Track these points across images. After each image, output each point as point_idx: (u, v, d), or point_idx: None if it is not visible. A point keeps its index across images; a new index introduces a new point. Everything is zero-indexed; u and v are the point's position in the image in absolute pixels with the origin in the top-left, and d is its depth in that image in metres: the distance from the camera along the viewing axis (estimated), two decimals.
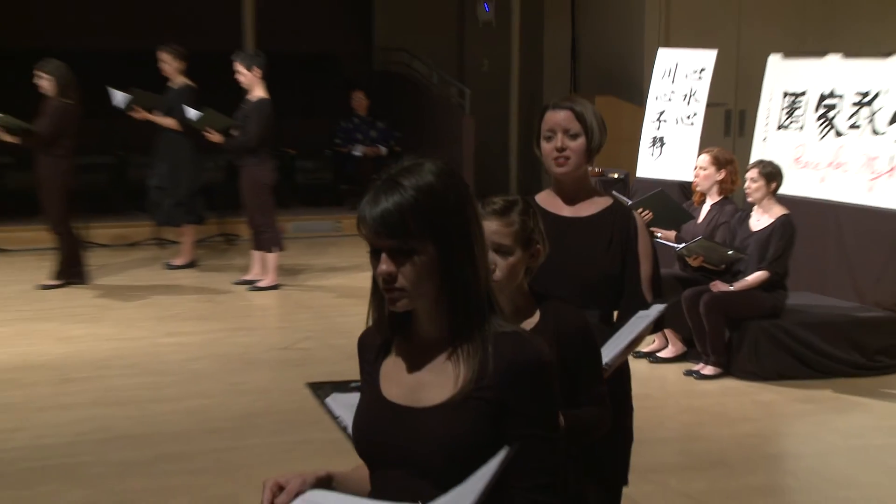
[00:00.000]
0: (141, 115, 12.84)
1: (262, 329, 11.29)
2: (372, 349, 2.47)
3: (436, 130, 18.66)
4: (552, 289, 3.89)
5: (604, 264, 4.06)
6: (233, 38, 16.72)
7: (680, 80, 13.19)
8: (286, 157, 16.09)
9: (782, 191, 9.54)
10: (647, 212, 9.38)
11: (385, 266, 2.03)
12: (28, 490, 6.58)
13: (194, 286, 12.83)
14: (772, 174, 9.20)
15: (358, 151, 17.36)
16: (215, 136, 12.18)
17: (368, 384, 2.41)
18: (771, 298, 9.16)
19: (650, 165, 13.47)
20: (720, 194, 9.53)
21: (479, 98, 18.31)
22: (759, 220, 9.16)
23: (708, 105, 13.05)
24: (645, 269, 4.13)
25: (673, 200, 9.92)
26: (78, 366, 10.06)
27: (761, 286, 9.06)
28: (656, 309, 3.98)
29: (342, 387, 3.22)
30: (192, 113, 12.41)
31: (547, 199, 4.24)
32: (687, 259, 9.54)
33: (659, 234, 9.44)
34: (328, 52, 19.77)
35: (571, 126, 4.00)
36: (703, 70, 12.82)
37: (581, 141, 4.03)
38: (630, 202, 10.08)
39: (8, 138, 12.09)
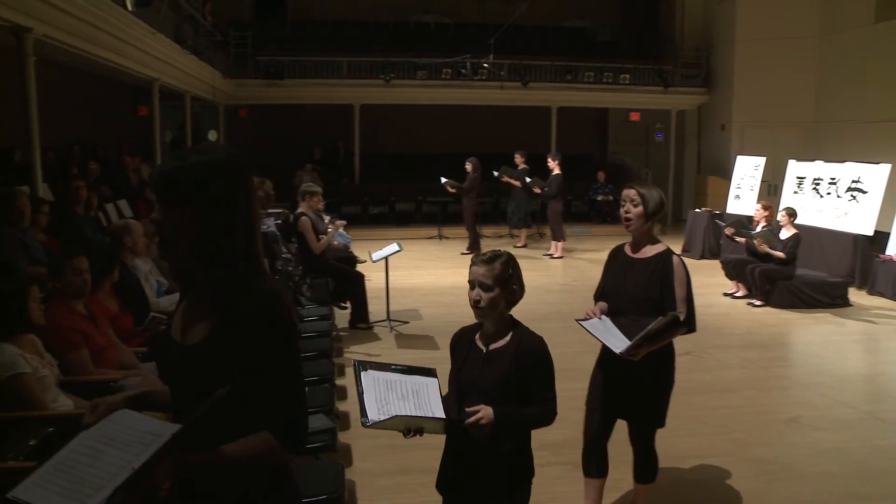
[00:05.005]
0: (504, 179, 13.91)
1: (555, 276, 12.00)
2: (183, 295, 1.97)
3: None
4: (617, 303, 3.80)
5: (647, 289, 3.71)
6: (544, 145, 17.54)
7: (748, 169, 13.83)
8: (568, 200, 16.25)
9: (797, 221, 9.92)
10: (732, 228, 10.27)
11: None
12: None
13: (526, 255, 13.37)
14: (793, 213, 9.87)
15: (599, 198, 17.99)
16: (537, 190, 13.44)
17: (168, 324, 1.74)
18: (788, 270, 9.70)
19: (732, 207, 13.94)
20: (767, 221, 10.14)
21: (656, 173, 18.80)
22: (785, 233, 9.75)
23: (762, 181, 13.61)
24: (679, 292, 3.69)
25: (743, 222, 10.75)
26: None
27: (781, 262, 9.57)
28: (658, 319, 3.49)
29: (383, 367, 2.78)
30: (527, 179, 13.63)
31: (626, 245, 3.94)
32: (755, 242, 9.71)
33: (738, 239, 10.11)
34: (587, 154, 20.17)
35: (635, 198, 3.78)
36: (758, 165, 13.45)
37: (640, 209, 3.76)
38: (724, 224, 10.99)
39: (451, 190, 13.71)
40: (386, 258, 8.33)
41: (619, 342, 3.55)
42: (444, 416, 2.73)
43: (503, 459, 2.83)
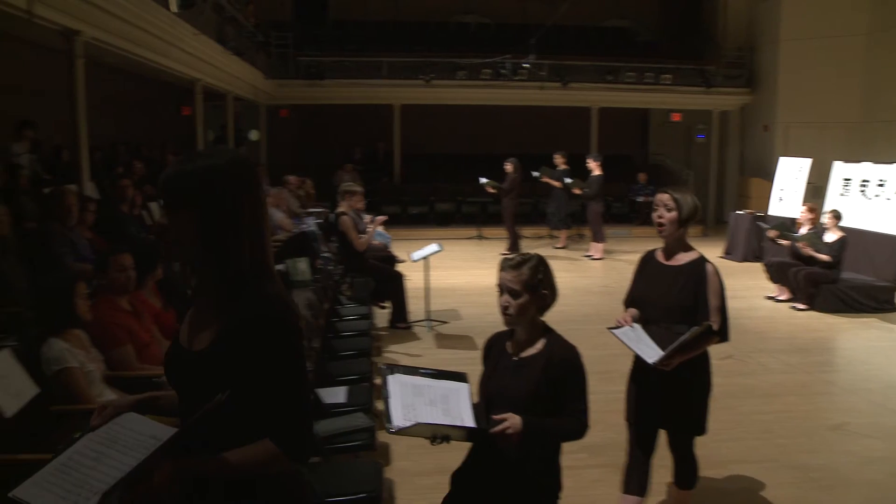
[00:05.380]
0: (544, 179, 13.97)
1: (595, 277, 11.74)
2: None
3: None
4: (647, 311, 3.70)
5: (679, 298, 3.61)
6: (584, 146, 17.41)
7: (792, 171, 13.59)
8: (608, 201, 15.91)
9: (843, 224, 9.77)
10: (775, 230, 10.16)
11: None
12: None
13: (565, 256, 13.57)
14: (838, 215, 9.71)
15: (640, 199, 17.68)
16: (577, 191, 13.39)
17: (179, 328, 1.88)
18: (832, 274, 9.51)
19: (776, 208, 13.70)
20: (812, 223, 9.97)
21: (697, 175, 18.64)
22: (830, 236, 9.53)
23: (807, 183, 13.36)
24: (713, 302, 3.58)
25: (786, 225, 10.42)
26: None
27: (826, 265, 9.41)
28: (692, 329, 3.41)
29: (411, 371, 2.72)
30: (567, 180, 13.59)
31: (658, 251, 3.83)
32: (798, 245, 9.61)
33: (782, 241, 9.96)
34: (627, 154, 20.06)
35: (669, 203, 3.66)
36: (802, 167, 13.27)
37: (674, 214, 3.64)
38: (767, 226, 10.70)
39: (491, 191, 13.72)
40: (426, 258, 8.34)
41: (651, 351, 3.47)
42: (471, 425, 2.60)
43: (531, 473, 2.72)
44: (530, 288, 2.74)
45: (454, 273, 11.67)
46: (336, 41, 18.80)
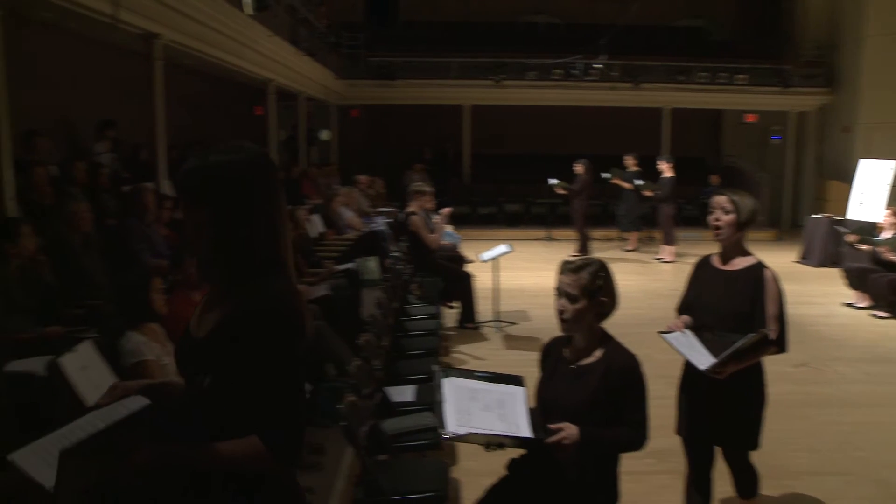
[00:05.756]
0: (615, 181, 13.82)
1: (665, 280, 11.64)
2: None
3: (752, 191, 17.44)
4: (704, 318, 3.54)
5: (735, 304, 3.46)
6: (655, 147, 17.31)
7: (873, 173, 13.21)
8: (680, 203, 15.47)
9: None
10: (855, 235, 9.97)
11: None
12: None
13: (635, 259, 13.57)
14: None
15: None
16: (648, 193, 13.30)
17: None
18: None
19: (855, 212, 13.41)
20: (893, 227, 9.59)
21: (773, 176, 18.43)
22: None
23: (892, 185, 12.93)
24: (771, 309, 3.42)
25: (867, 229, 10.17)
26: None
27: None
28: (748, 336, 3.25)
29: (467, 374, 2.66)
30: (638, 182, 13.51)
31: (714, 256, 3.73)
32: (880, 251, 9.35)
33: (862, 246, 9.73)
34: (698, 157, 19.59)
35: (726, 206, 3.52)
36: (887, 169, 12.84)
37: (731, 216, 3.50)
38: (846, 230, 10.67)
39: (560, 192, 13.76)
40: (495, 259, 8.33)
41: (703, 358, 3.35)
42: (527, 434, 2.52)
43: (587, 483, 2.67)
44: (589, 293, 2.67)
45: (523, 274, 11.60)
46: (406, 41, 18.97)
